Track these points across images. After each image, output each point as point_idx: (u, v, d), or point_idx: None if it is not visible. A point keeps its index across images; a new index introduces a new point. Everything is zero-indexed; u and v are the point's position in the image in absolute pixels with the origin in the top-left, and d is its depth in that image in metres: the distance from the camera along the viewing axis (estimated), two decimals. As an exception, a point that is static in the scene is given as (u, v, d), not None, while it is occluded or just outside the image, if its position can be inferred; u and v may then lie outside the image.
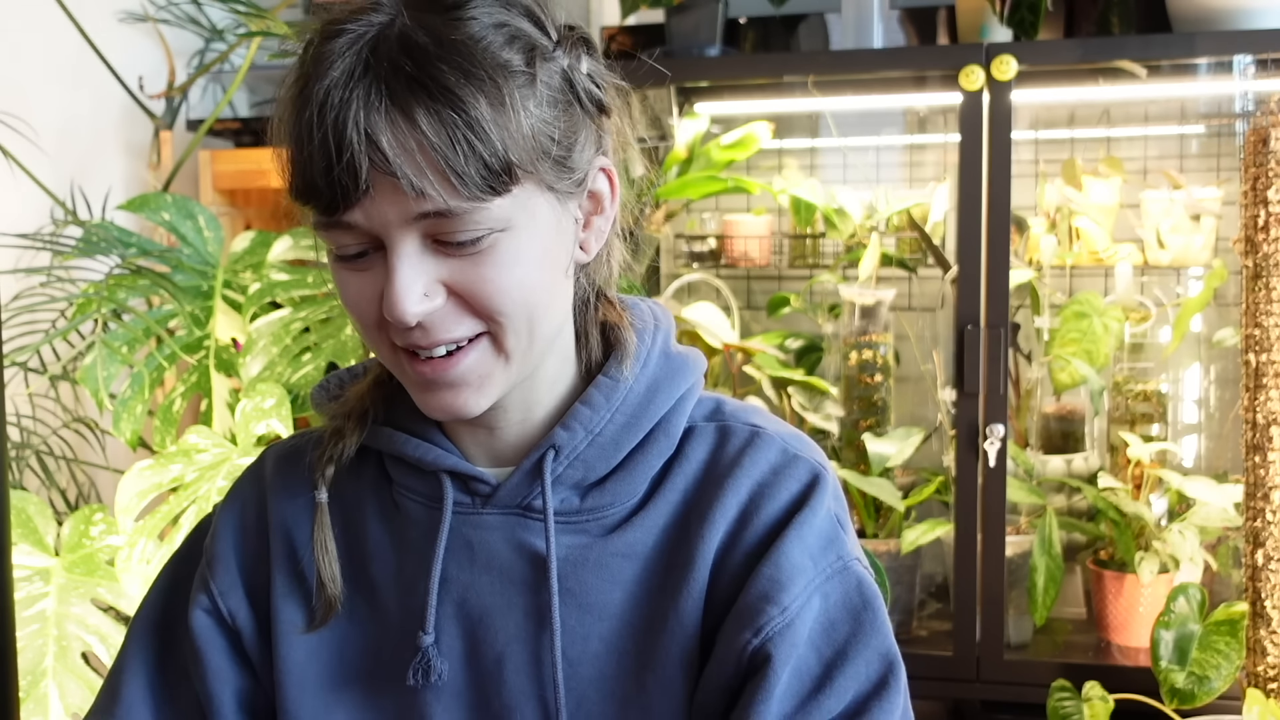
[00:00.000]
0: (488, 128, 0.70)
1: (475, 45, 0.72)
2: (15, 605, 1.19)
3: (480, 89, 0.70)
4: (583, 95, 0.78)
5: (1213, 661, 1.81)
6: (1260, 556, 1.69)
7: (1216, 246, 2.22)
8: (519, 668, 0.81)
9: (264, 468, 0.92)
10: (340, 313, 1.90)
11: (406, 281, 0.73)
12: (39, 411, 2.04)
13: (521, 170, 0.73)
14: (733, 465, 0.83)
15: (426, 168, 0.70)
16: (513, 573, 0.82)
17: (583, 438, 0.82)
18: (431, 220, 0.72)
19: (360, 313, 0.77)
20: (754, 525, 0.81)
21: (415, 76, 0.70)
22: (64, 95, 2.22)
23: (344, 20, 0.73)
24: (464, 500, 0.83)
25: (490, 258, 0.74)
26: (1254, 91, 2.07)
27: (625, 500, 0.83)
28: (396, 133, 0.70)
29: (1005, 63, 1.98)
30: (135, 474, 1.64)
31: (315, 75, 0.72)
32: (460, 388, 0.77)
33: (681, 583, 0.81)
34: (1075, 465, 2.23)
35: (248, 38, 2.10)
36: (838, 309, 2.34)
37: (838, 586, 0.81)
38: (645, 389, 0.84)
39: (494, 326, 0.76)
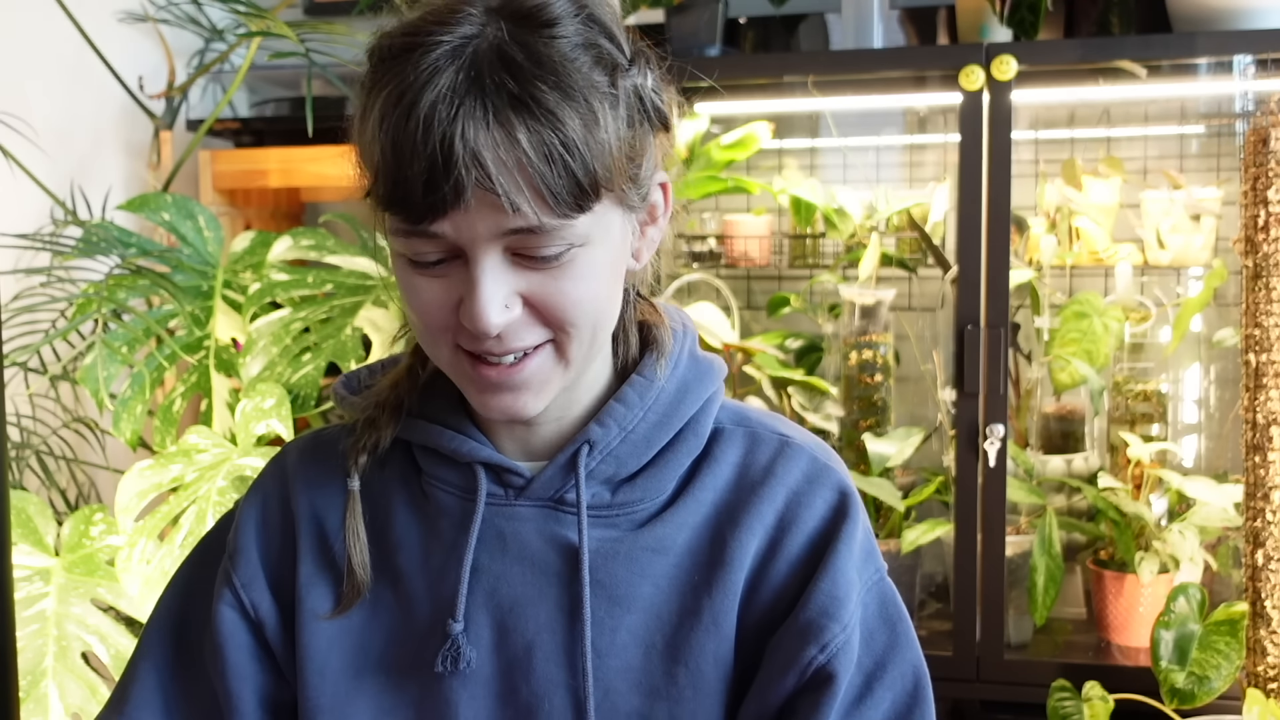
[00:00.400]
0: (581, 147, 0.73)
1: (569, 64, 0.73)
2: (15, 605, 1.19)
3: (575, 109, 0.73)
4: (651, 111, 0.81)
5: (1213, 661, 1.81)
6: (1260, 556, 1.69)
7: (1216, 246, 2.22)
8: (548, 656, 0.82)
9: (287, 460, 0.93)
10: (340, 313, 1.91)
11: (490, 294, 0.75)
12: (39, 411, 2.04)
13: (605, 188, 0.75)
14: (766, 472, 0.86)
15: (524, 185, 0.72)
16: (544, 564, 0.84)
17: (616, 434, 0.85)
18: (518, 235, 0.74)
19: (429, 317, 0.78)
20: (794, 534, 0.84)
21: (517, 95, 0.71)
22: (64, 95, 2.22)
23: (434, 29, 0.74)
24: (497, 492, 0.85)
25: (568, 271, 0.77)
26: (1254, 91, 2.07)
27: (655, 496, 0.85)
28: (499, 150, 0.71)
29: (1005, 63, 1.98)
30: (135, 474, 1.64)
31: (416, 85, 0.72)
32: (521, 391, 0.80)
33: (715, 581, 0.83)
34: (1075, 465, 2.23)
35: (248, 38, 2.10)
36: (838, 309, 2.34)
37: (875, 599, 0.85)
38: (676, 389, 0.87)
39: (561, 336, 0.79)
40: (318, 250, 2.03)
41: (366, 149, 0.77)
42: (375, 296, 1.94)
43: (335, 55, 2.05)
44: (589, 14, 0.77)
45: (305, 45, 1.98)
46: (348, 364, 1.83)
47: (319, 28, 2.06)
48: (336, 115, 2.58)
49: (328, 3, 2.64)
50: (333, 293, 1.95)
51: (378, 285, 1.96)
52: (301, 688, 0.86)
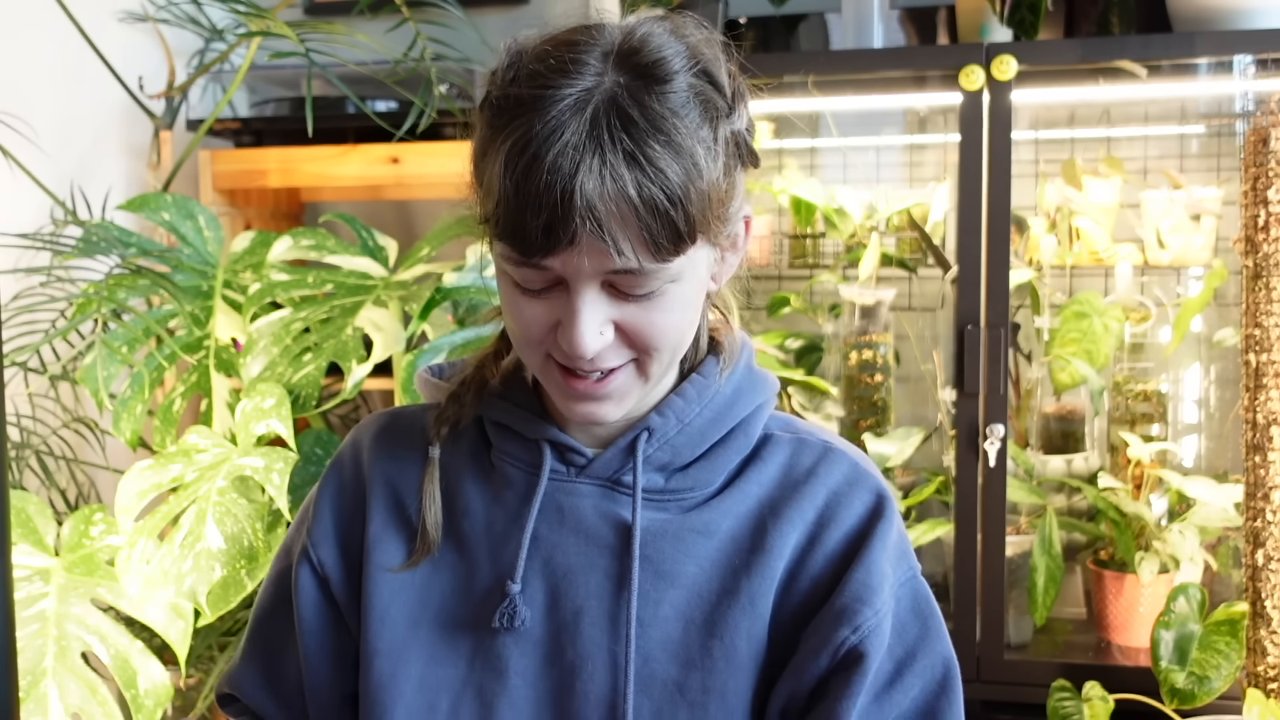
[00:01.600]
0: (684, 201, 0.80)
1: (679, 121, 0.80)
2: (15, 605, 1.19)
3: (682, 165, 0.80)
4: (745, 153, 0.89)
5: (1213, 661, 1.81)
6: (1260, 556, 1.69)
7: (1216, 246, 2.22)
8: (595, 621, 0.89)
9: (363, 434, 1.02)
10: (341, 313, 1.91)
11: (589, 323, 0.83)
12: (39, 411, 2.04)
13: (700, 233, 0.82)
14: (809, 473, 0.93)
15: (630, 234, 0.79)
16: (598, 537, 0.91)
17: (674, 425, 0.92)
18: (619, 275, 0.82)
19: (528, 332, 0.86)
20: (832, 530, 0.91)
21: (631, 153, 0.78)
22: (64, 95, 2.22)
23: (558, 80, 0.80)
24: (560, 469, 0.93)
25: (659, 304, 0.84)
26: (1254, 91, 2.07)
27: (704, 487, 0.93)
28: (611, 203, 0.78)
29: (1005, 63, 1.98)
30: (135, 474, 1.64)
31: (540, 137, 0.78)
32: (604, 401, 0.88)
33: (756, 566, 0.90)
34: (1075, 465, 2.23)
35: (248, 38, 2.10)
36: (838, 309, 2.34)
37: (909, 593, 0.92)
38: (732, 392, 0.95)
39: (644, 357, 0.87)
40: (318, 250, 2.03)
41: (488, 183, 0.82)
42: (375, 296, 1.94)
43: (335, 55, 2.05)
44: (701, 68, 0.83)
45: (305, 45, 1.99)
46: (348, 364, 1.83)
47: (319, 28, 2.06)
48: (336, 115, 2.60)
49: (328, 3, 2.64)
50: (333, 293, 1.95)
51: (378, 285, 1.96)
52: (363, 632, 0.93)
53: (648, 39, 0.83)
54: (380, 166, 2.26)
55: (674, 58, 0.82)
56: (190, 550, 1.59)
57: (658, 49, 0.82)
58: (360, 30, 2.07)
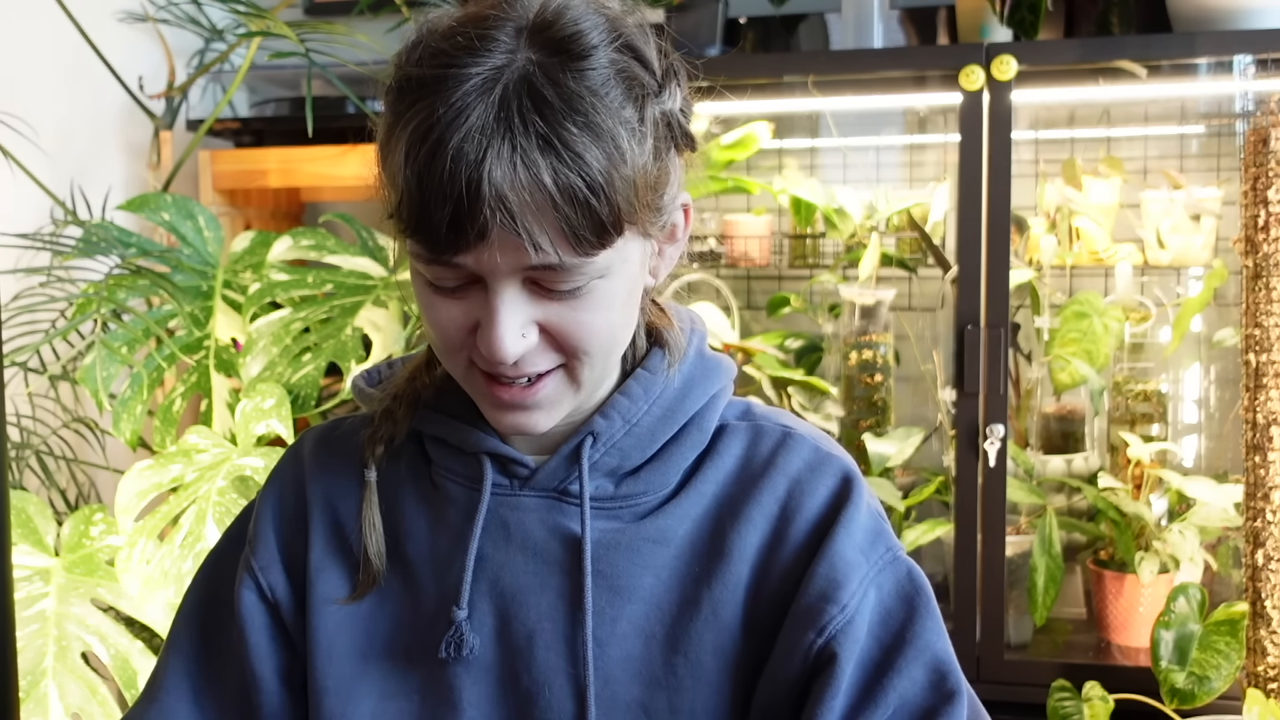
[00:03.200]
0: (607, 189, 0.73)
1: (599, 101, 0.73)
2: (15, 605, 1.19)
3: (602, 149, 0.72)
4: (678, 135, 0.81)
5: (1213, 661, 1.81)
6: (1260, 556, 1.69)
7: (1216, 246, 2.22)
8: (549, 645, 0.83)
9: (303, 449, 0.95)
10: (340, 313, 1.90)
11: (507, 324, 0.76)
12: (39, 411, 2.04)
13: (627, 223, 0.75)
14: (767, 464, 0.86)
15: (547, 226, 0.72)
16: (547, 554, 0.84)
17: (620, 427, 0.85)
18: (539, 271, 0.75)
19: (446, 335, 0.79)
20: (797, 522, 0.84)
21: (545, 136, 0.71)
22: (64, 95, 2.22)
23: (464, 59, 0.73)
24: (502, 482, 0.86)
25: (585, 302, 0.77)
26: (1254, 91, 2.07)
27: (658, 490, 0.86)
28: (524, 192, 0.71)
29: (1005, 63, 1.98)
30: (135, 474, 1.64)
31: (443, 122, 0.72)
32: (533, 410, 0.81)
33: (716, 573, 0.83)
34: (1075, 465, 2.23)
35: (248, 38, 2.10)
36: (838, 309, 2.34)
37: (890, 577, 0.84)
38: (681, 385, 0.87)
39: (574, 362, 0.80)
40: (318, 250, 2.03)
41: (391, 174, 0.76)
42: (375, 296, 1.94)
43: (335, 55, 2.05)
44: (624, 41, 0.77)
45: (305, 45, 1.98)
46: (348, 364, 1.83)
47: (319, 28, 2.06)
48: (336, 115, 2.60)
49: (328, 3, 2.64)
50: (333, 293, 1.95)
51: (378, 285, 1.96)
52: (310, 669, 0.88)
53: (563, 11, 0.76)
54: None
55: (592, 31, 0.75)
56: (190, 550, 1.59)
57: (574, 21, 0.75)
58: (360, 30, 2.07)
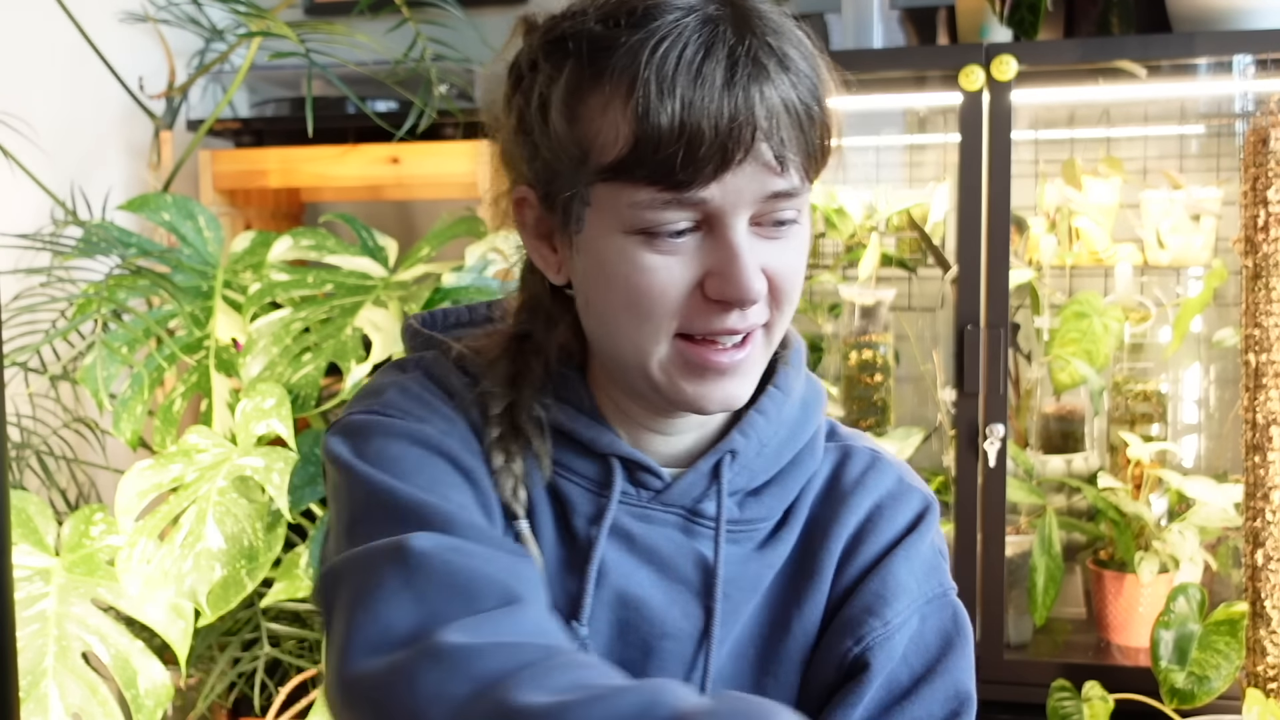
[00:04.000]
0: (829, 114, 0.73)
1: (804, 34, 0.74)
2: (15, 605, 1.19)
3: (819, 75, 0.73)
4: None
5: (1212, 661, 1.81)
6: (1260, 556, 1.69)
7: (1216, 246, 2.22)
8: (663, 665, 0.81)
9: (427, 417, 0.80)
10: (340, 313, 1.90)
11: (750, 261, 0.73)
12: (39, 411, 2.04)
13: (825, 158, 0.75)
14: (856, 485, 0.86)
15: (790, 143, 0.71)
16: (674, 571, 0.81)
17: (755, 446, 0.83)
18: (773, 200, 0.73)
19: (658, 299, 0.74)
20: (870, 544, 0.85)
21: (781, 63, 0.71)
22: (64, 95, 2.22)
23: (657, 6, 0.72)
24: (629, 491, 0.82)
25: (794, 243, 0.76)
26: (1254, 91, 2.07)
27: (774, 514, 0.85)
28: (778, 115, 0.70)
29: (1005, 63, 1.98)
30: (135, 474, 1.64)
31: (683, 51, 0.69)
32: (739, 377, 0.77)
33: (807, 592, 0.84)
34: (1075, 465, 2.23)
35: (248, 38, 2.10)
36: (838, 309, 2.34)
37: (936, 611, 0.85)
38: (800, 405, 0.86)
39: (776, 314, 0.77)
40: (318, 250, 2.03)
41: (595, 125, 0.72)
42: (375, 296, 1.93)
43: (335, 55, 2.05)
44: (792, 16, 0.77)
45: (305, 45, 1.99)
46: (348, 364, 1.83)
47: (319, 28, 2.06)
48: (336, 115, 2.60)
49: (328, 3, 2.64)
50: (333, 293, 1.95)
51: (378, 285, 1.96)
52: None
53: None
54: (380, 166, 2.26)
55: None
56: (190, 550, 1.59)
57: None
58: (360, 30, 2.07)
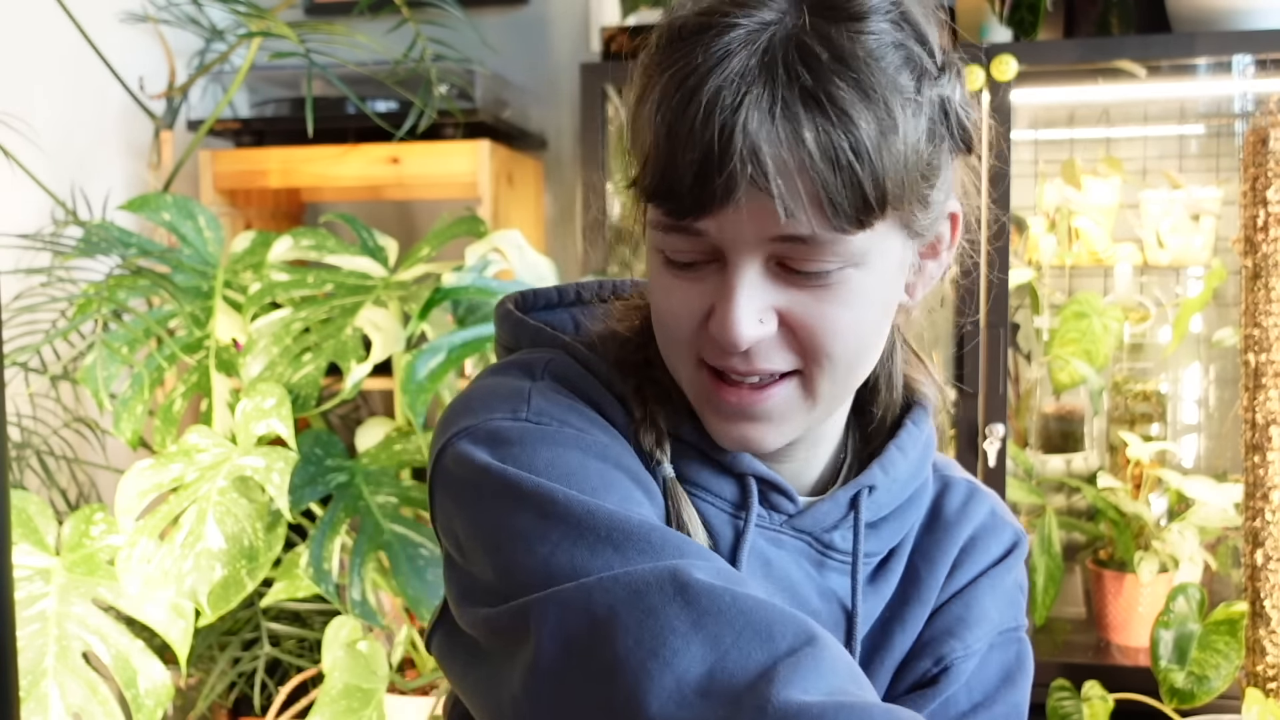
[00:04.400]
0: (872, 155, 0.65)
1: (873, 62, 0.67)
2: (16, 605, 1.19)
3: (873, 112, 0.66)
4: (955, 128, 0.74)
5: (1212, 661, 1.82)
6: (1260, 556, 1.69)
7: (1216, 246, 2.22)
8: None
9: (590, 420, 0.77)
10: (340, 313, 1.90)
11: (745, 304, 0.68)
12: (39, 411, 2.04)
13: (892, 205, 0.68)
14: (958, 515, 0.86)
15: (802, 190, 0.65)
16: (805, 603, 0.78)
17: (889, 483, 0.81)
18: (786, 244, 0.68)
19: (676, 323, 0.72)
20: (963, 572, 0.85)
21: (810, 90, 0.65)
22: (64, 95, 2.22)
23: (731, 10, 0.68)
24: (763, 515, 0.79)
25: (835, 293, 0.70)
26: (1253, 91, 2.08)
27: (889, 545, 0.83)
28: (782, 148, 0.65)
29: (1005, 63, 1.98)
30: (136, 474, 1.64)
31: (703, 68, 0.66)
32: (761, 422, 0.73)
33: (909, 617, 0.83)
34: (1075, 465, 2.23)
35: (248, 38, 2.10)
36: (837, 309, 2.34)
37: (1003, 644, 0.85)
38: (925, 441, 0.85)
39: (812, 367, 0.72)
40: (318, 250, 2.03)
41: (639, 134, 0.70)
42: (375, 296, 1.94)
43: (335, 55, 2.05)
44: (902, 12, 0.70)
45: (305, 45, 1.99)
46: (348, 364, 1.83)
47: (319, 28, 2.06)
48: (336, 115, 2.59)
49: (328, 3, 2.64)
50: (333, 293, 1.95)
51: (378, 285, 1.96)
52: None
53: None
54: (380, 166, 2.26)
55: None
56: (191, 550, 1.59)
57: None
58: (360, 30, 2.07)
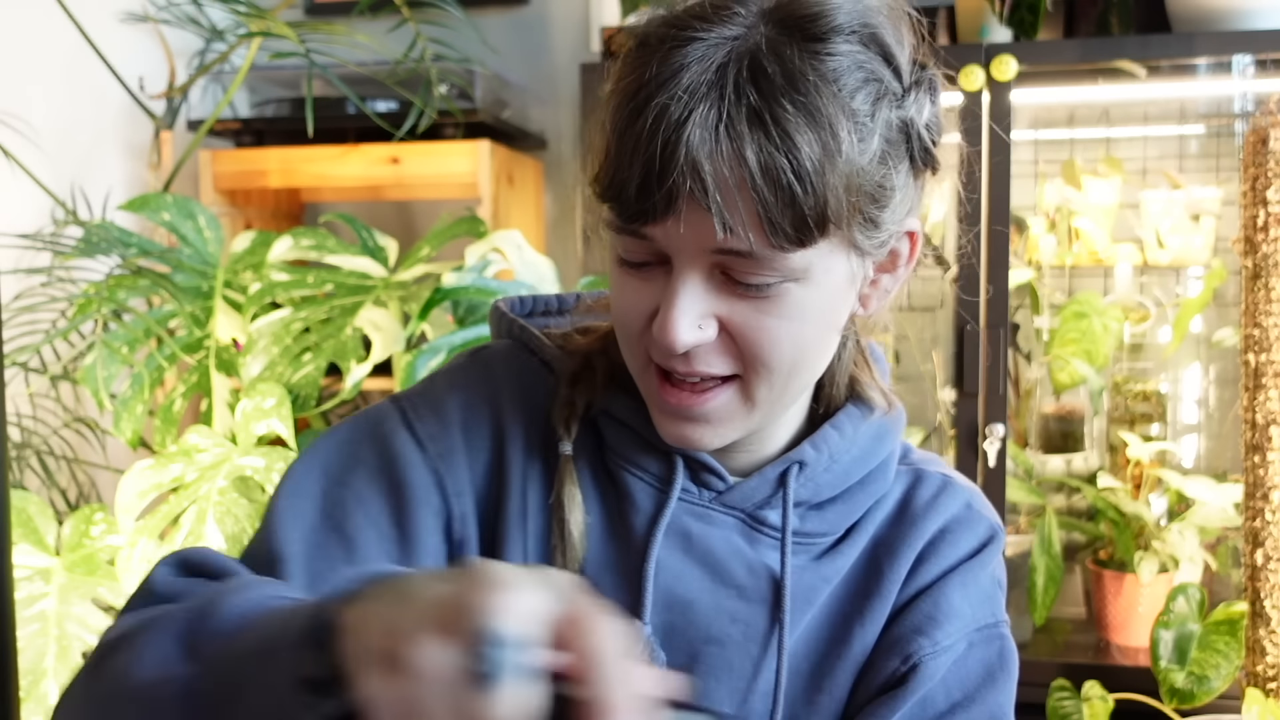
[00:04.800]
0: (814, 179, 0.67)
1: (825, 86, 0.68)
2: (16, 605, 1.19)
3: (818, 135, 0.67)
4: (916, 151, 0.76)
5: (1212, 661, 1.82)
6: (1260, 556, 1.69)
7: (1216, 246, 2.22)
8: (710, 670, 0.80)
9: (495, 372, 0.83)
10: (340, 313, 1.90)
11: (684, 309, 0.71)
12: (39, 411, 2.04)
13: (833, 225, 0.69)
14: (926, 509, 0.84)
15: (742, 207, 0.67)
16: (727, 575, 0.80)
17: (825, 461, 0.82)
18: (728, 256, 0.70)
19: (626, 319, 0.75)
20: (931, 566, 0.83)
21: (756, 109, 0.66)
22: (64, 95, 2.22)
23: (695, 24, 0.69)
24: (690, 489, 0.81)
25: (774, 306, 0.72)
26: (1254, 91, 2.08)
27: (835, 531, 0.83)
28: (722, 165, 0.66)
29: (1005, 63, 1.98)
30: (136, 474, 1.64)
31: (654, 81, 0.68)
32: (700, 423, 0.76)
33: (870, 611, 0.82)
34: (1075, 465, 2.23)
35: (248, 38, 2.10)
36: (837, 309, 2.34)
37: (983, 641, 0.83)
38: (878, 428, 0.84)
39: (750, 373, 0.74)
40: (318, 250, 2.03)
41: (597, 135, 0.73)
42: (375, 296, 1.94)
43: (335, 55, 2.05)
44: (871, 34, 0.72)
45: (305, 45, 1.99)
46: (348, 364, 1.83)
47: (319, 28, 2.06)
48: (336, 115, 2.59)
49: (328, 3, 2.64)
50: (333, 293, 1.95)
51: (378, 285, 1.96)
52: None
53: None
54: (380, 166, 2.26)
55: (836, 14, 0.70)
56: (190, 550, 1.59)
57: (819, 2, 0.70)
58: (360, 30, 2.07)
